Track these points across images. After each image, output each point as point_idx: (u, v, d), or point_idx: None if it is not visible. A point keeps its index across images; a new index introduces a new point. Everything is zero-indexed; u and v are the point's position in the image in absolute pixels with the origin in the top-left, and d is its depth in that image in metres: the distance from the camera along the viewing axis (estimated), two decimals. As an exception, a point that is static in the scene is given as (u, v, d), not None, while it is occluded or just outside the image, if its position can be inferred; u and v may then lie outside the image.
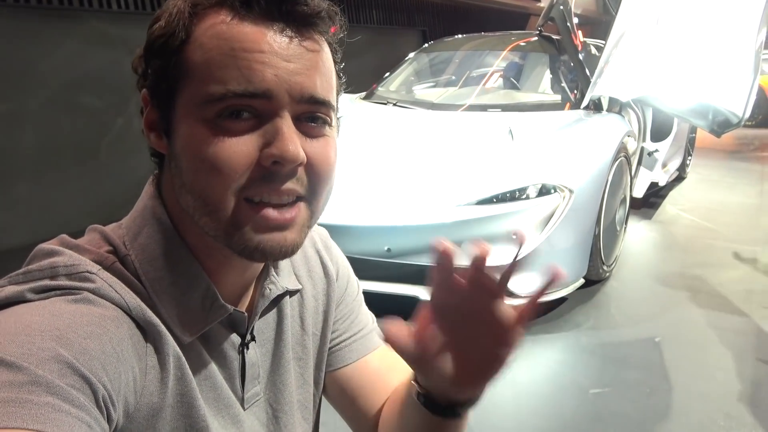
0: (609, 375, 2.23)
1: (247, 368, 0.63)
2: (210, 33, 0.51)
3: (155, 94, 0.55)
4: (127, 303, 0.51)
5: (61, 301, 0.49)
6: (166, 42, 0.52)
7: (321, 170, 0.55)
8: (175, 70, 0.52)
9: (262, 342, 0.65)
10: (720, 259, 3.45)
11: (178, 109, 0.53)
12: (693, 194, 5.00)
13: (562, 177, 2.62)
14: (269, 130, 0.52)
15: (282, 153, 0.51)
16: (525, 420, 1.99)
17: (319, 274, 0.74)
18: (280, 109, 0.52)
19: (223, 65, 0.50)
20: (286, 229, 0.54)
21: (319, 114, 0.55)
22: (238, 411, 0.62)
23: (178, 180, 0.54)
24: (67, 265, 0.51)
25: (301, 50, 0.53)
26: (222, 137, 0.51)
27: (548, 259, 2.58)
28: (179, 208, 0.56)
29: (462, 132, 3.17)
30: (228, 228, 0.52)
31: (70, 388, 0.43)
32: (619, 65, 3.08)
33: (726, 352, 2.38)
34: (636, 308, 2.83)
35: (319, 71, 0.54)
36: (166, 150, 0.56)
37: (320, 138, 0.55)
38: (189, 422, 0.56)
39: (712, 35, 3.11)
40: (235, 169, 0.51)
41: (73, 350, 0.45)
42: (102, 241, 0.56)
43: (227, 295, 0.59)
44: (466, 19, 9.30)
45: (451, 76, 4.23)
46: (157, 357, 0.53)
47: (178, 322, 0.55)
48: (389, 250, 2.54)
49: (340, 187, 2.76)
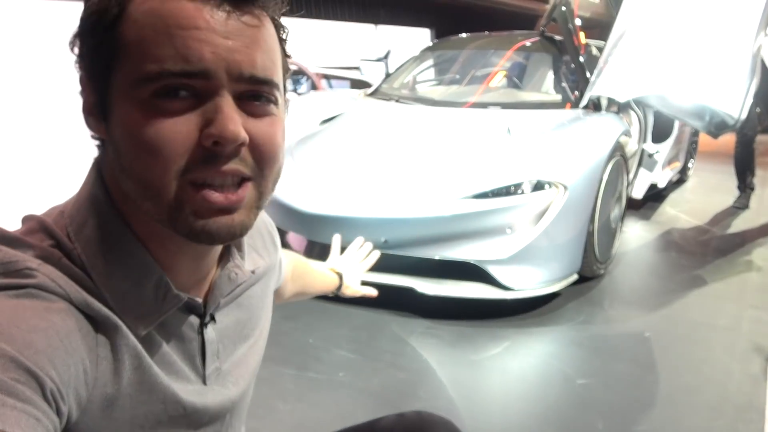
0: (596, 367, 2.27)
1: (207, 346, 0.62)
2: (144, 9, 0.49)
3: (91, 76, 0.52)
4: (71, 296, 0.49)
5: (2, 297, 0.47)
6: (99, 19, 0.50)
7: (265, 150, 0.53)
8: (109, 49, 0.50)
9: (222, 318, 0.65)
10: (714, 260, 3.49)
11: (113, 91, 0.50)
12: (693, 197, 5.03)
13: (556, 173, 2.67)
14: (209, 110, 0.50)
15: (221, 132, 0.49)
16: (511, 404, 2.04)
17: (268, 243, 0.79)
18: (220, 88, 0.50)
19: (158, 43, 0.48)
20: (233, 212, 0.53)
21: (262, 92, 0.53)
22: (202, 384, 0.62)
23: (117, 165, 0.52)
24: (4, 262, 0.49)
25: (240, 26, 0.50)
26: (159, 118, 0.48)
27: (542, 254, 2.64)
28: (123, 194, 0.53)
29: (461, 128, 3.22)
30: (171, 212, 0.51)
31: (15, 382, 0.42)
32: (618, 65, 3.13)
33: (714, 349, 2.43)
34: (629, 305, 2.87)
35: (261, 48, 0.52)
36: (105, 134, 0.53)
37: (264, 117, 0.53)
38: (149, 408, 0.55)
39: (710, 37, 3.15)
40: (175, 150, 0.49)
41: (16, 345, 0.44)
42: (43, 234, 0.53)
43: (183, 282, 0.58)
44: (472, 19, 9.33)
45: (454, 74, 4.28)
46: (109, 347, 0.52)
47: (132, 314, 0.53)
48: (386, 241, 2.60)
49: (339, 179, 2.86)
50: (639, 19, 3.16)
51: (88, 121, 0.54)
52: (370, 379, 2.14)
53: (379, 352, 2.34)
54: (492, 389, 2.16)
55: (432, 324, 2.55)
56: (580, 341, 2.47)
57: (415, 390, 2.09)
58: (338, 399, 2.03)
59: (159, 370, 0.56)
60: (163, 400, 0.56)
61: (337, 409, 1.98)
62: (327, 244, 2.80)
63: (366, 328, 2.52)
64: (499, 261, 2.55)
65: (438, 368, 2.24)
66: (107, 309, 0.52)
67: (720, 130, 3.38)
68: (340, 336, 2.45)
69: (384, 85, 4.19)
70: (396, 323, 2.56)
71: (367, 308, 2.62)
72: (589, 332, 2.55)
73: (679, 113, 3.37)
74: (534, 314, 2.66)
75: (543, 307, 2.72)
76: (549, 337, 2.53)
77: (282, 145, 0.56)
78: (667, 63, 3.06)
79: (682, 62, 3.08)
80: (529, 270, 2.62)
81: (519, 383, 2.20)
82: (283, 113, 0.57)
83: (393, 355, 2.32)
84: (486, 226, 2.58)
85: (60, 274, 0.50)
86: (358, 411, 1.96)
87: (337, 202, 2.69)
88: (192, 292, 0.60)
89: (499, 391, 2.15)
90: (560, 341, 2.50)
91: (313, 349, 2.34)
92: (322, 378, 2.15)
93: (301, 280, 1.05)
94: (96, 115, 0.53)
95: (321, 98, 3.90)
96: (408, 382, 2.14)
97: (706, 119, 3.34)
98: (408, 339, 2.44)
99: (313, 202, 2.69)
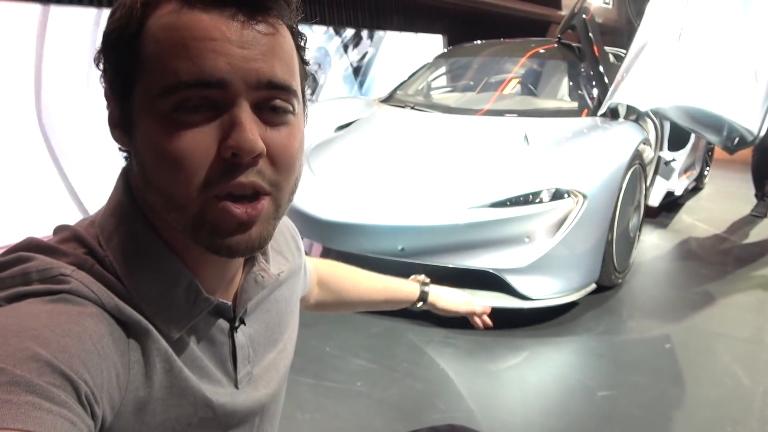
0: (617, 378, 2.24)
1: (238, 350, 0.63)
2: (161, 23, 0.50)
3: (114, 90, 0.54)
4: (104, 301, 0.50)
5: (37, 302, 0.48)
6: (120, 35, 0.51)
7: (282, 161, 0.53)
8: (130, 64, 0.51)
9: (251, 323, 0.66)
10: (734, 269, 3.44)
11: (135, 105, 0.52)
12: (709, 205, 4.97)
13: (575, 182, 2.65)
14: (227, 121, 0.50)
15: (238, 144, 0.49)
16: (531, 418, 2.01)
17: (293, 247, 0.79)
18: (237, 97, 0.50)
19: (174, 56, 0.49)
20: (251, 226, 0.53)
21: (280, 100, 0.53)
22: (234, 387, 0.63)
23: (141, 177, 0.53)
24: (40, 269, 0.50)
25: (256, 35, 0.50)
26: (179, 132, 0.49)
27: (561, 263, 2.61)
28: (149, 203, 0.55)
29: (478, 135, 3.20)
30: (194, 225, 0.52)
31: (50, 386, 0.42)
32: (641, 74, 3.09)
33: (736, 361, 2.39)
34: (648, 315, 2.83)
35: (277, 55, 0.52)
36: (130, 146, 0.55)
37: (282, 126, 0.54)
38: (181, 411, 0.56)
39: (732, 52, 3.13)
40: (196, 164, 0.49)
41: (51, 349, 0.44)
42: (76, 243, 0.54)
43: (210, 287, 0.58)
44: (486, 25, 9.32)
45: (469, 81, 4.27)
46: (141, 351, 0.53)
47: (163, 319, 0.54)
48: (403, 249, 2.58)
49: (355, 186, 2.83)
50: (662, 30, 3.14)
51: (114, 134, 0.56)
52: (388, 389, 2.13)
53: (396, 361, 2.33)
54: (511, 401, 2.14)
55: (449, 333, 2.53)
56: (600, 352, 2.44)
57: (433, 401, 2.07)
58: (356, 409, 2.01)
59: (190, 373, 0.56)
60: (194, 403, 0.57)
61: (355, 419, 1.96)
62: (342, 252, 2.79)
63: (383, 337, 2.51)
64: (517, 270, 2.53)
65: (456, 378, 2.22)
66: (138, 314, 0.52)
67: (738, 146, 3.36)
68: (357, 344, 2.44)
69: (398, 91, 4.18)
70: (413, 332, 2.54)
71: (383, 317, 2.61)
72: (608, 343, 2.52)
73: (697, 126, 3.32)
74: (552, 324, 2.64)
75: (561, 317, 2.69)
76: (568, 348, 2.50)
77: (298, 155, 0.56)
78: (689, 74, 3.02)
79: (704, 75, 3.04)
80: (547, 279, 2.60)
81: (539, 395, 2.18)
82: (302, 121, 0.58)
83: (410, 365, 2.30)
84: (504, 234, 2.55)
85: (93, 280, 0.51)
86: (377, 421, 1.94)
87: (353, 209, 2.68)
88: (220, 296, 0.60)
89: (519, 403, 2.13)
90: (580, 352, 2.47)
91: (330, 358, 2.33)
92: (340, 387, 2.13)
93: (336, 285, 1.02)
94: (120, 128, 0.54)
95: (336, 104, 3.89)
96: (426, 392, 2.12)
97: (724, 134, 3.30)
98: (425, 348, 2.42)
99: (329, 209, 2.68)
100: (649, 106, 2.99)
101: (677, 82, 2.98)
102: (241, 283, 0.64)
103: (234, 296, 0.64)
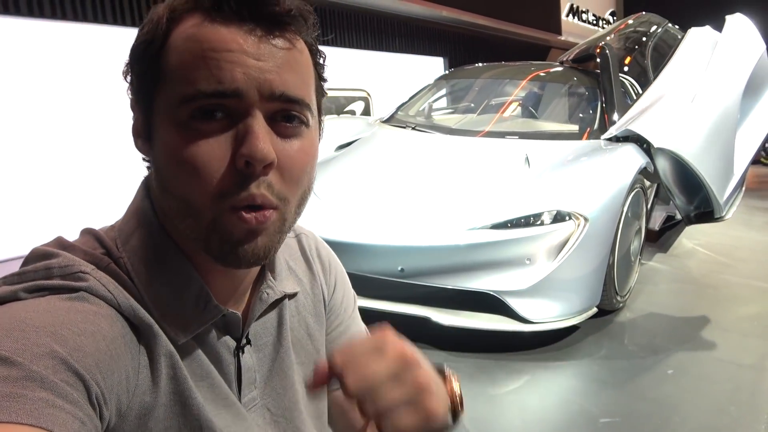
0: (620, 405, 2.20)
1: (243, 372, 0.62)
2: (183, 36, 0.52)
3: (138, 100, 0.56)
4: (119, 302, 0.52)
5: (56, 298, 0.49)
6: (146, 48, 0.53)
7: (291, 173, 0.54)
8: (153, 75, 0.53)
9: (260, 347, 0.65)
10: (736, 294, 3.42)
11: (155, 114, 0.53)
12: (709, 229, 4.95)
13: (577, 204, 2.63)
14: (241, 130, 0.51)
15: (250, 152, 0.50)
16: (533, 445, 1.97)
17: (314, 273, 0.75)
18: (251, 107, 0.51)
19: (194, 66, 0.50)
20: (258, 235, 0.53)
21: (294, 112, 0.54)
22: (240, 410, 0.61)
23: (158, 184, 0.55)
24: (62, 266, 0.52)
25: (272, 48, 0.52)
26: (195, 139, 0.51)
27: (562, 286, 2.58)
28: (166, 210, 0.56)
29: (479, 157, 3.20)
30: (207, 233, 0.53)
31: (64, 384, 0.43)
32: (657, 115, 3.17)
33: (740, 388, 2.35)
34: (649, 340, 2.80)
35: (292, 69, 0.53)
36: (150, 155, 0.56)
37: (294, 139, 0.54)
38: (183, 421, 0.55)
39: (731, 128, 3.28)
40: (211, 171, 0.50)
41: (67, 347, 0.45)
42: (96, 243, 0.56)
43: (221, 298, 0.59)
44: (485, 49, 9.41)
45: (470, 103, 4.28)
46: (149, 356, 0.53)
47: (172, 322, 0.55)
48: (402, 270, 2.56)
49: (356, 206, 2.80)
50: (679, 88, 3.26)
51: (137, 143, 0.58)
52: (386, 413, 2.08)
53: (394, 384, 2.28)
54: (512, 427, 2.09)
55: (449, 356, 2.49)
56: (602, 377, 2.40)
57: (432, 425, 2.02)
58: (353, 433, 1.96)
59: (193, 383, 0.56)
60: (198, 416, 0.56)
61: None
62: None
63: (381, 359, 2.46)
64: (518, 292, 2.50)
65: (455, 403, 2.18)
66: (150, 317, 0.53)
67: (698, 219, 3.42)
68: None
69: (399, 112, 4.19)
70: (412, 354, 2.50)
71: (382, 338, 2.57)
72: (610, 368, 2.48)
73: (675, 186, 3.32)
74: (553, 348, 2.60)
75: (562, 341, 2.66)
76: (569, 372, 2.46)
77: (308, 168, 0.57)
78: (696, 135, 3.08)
79: (707, 140, 3.10)
80: (548, 302, 2.57)
81: (540, 421, 2.13)
82: (316, 136, 0.59)
83: (409, 388, 2.26)
84: (505, 256, 2.53)
85: (110, 279, 0.53)
86: (374, 446, 1.89)
87: (353, 229, 2.66)
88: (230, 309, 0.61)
89: (520, 429, 2.08)
90: (581, 377, 2.43)
91: (327, 380, 2.29)
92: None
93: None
94: (143, 137, 0.56)
95: (337, 124, 3.90)
96: (425, 416, 2.08)
97: (693, 204, 3.35)
98: (424, 371, 2.38)
99: (328, 229, 2.66)
100: (662, 145, 3.01)
101: (686, 138, 3.02)
102: (252, 301, 0.64)
103: (243, 314, 0.63)
